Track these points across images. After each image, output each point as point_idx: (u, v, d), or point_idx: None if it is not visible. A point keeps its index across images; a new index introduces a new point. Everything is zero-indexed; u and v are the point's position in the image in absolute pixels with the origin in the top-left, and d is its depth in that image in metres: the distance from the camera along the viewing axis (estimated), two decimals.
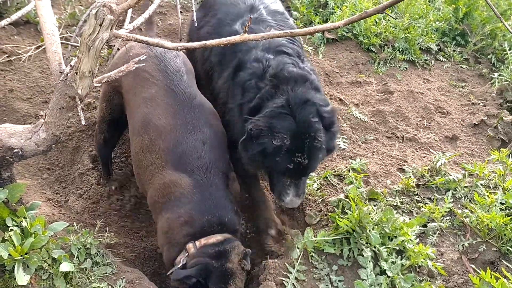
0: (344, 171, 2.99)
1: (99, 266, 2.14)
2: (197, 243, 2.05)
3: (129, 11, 3.75)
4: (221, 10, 2.86)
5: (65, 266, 1.99)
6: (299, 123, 2.22)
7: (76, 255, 2.11)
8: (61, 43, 3.38)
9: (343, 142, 3.29)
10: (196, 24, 2.73)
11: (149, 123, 2.27)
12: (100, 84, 1.99)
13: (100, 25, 1.78)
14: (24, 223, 2.02)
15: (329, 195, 2.82)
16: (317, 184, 2.90)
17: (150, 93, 2.33)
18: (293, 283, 2.31)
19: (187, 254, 2.05)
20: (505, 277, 2.30)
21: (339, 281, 2.34)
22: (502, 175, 2.91)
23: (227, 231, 2.13)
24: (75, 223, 2.35)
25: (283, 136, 2.20)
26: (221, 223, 2.11)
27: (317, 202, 2.79)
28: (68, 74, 1.94)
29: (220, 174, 2.20)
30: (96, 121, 2.72)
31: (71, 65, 1.96)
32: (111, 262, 2.18)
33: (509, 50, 4.20)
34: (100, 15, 1.77)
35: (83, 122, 1.87)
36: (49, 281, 1.99)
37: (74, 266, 2.05)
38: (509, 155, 3.08)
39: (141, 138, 2.29)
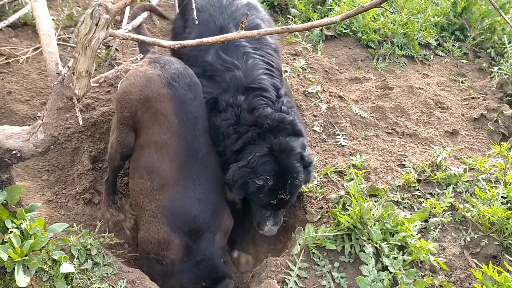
0: (344, 168, 2.98)
1: (100, 267, 2.13)
2: None
3: (127, 11, 3.75)
4: (195, 30, 2.83)
5: (66, 267, 1.98)
6: (283, 167, 2.40)
7: (76, 256, 2.10)
8: (59, 44, 3.38)
9: (343, 139, 3.28)
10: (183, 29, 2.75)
11: (154, 171, 2.31)
12: (98, 85, 1.98)
13: (96, 24, 1.78)
14: (23, 225, 2.01)
15: (330, 192, 2.81)
16: (318, 181, 2.89)
17: (162, 140, 2.33)
18: (295, 281, 2.30)
19: None
20: (508, 271, 2.30)
21: (341, 277, 2.33)
22: (503, 169, 2.90)
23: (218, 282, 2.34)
24: (75, 224, 2.35)
25: (266, 178, 2.37)
26: (212, 279, 2.32)
27: (318, 199, 2.78)
28: (65, 75, 1.93)
29: (210, 235, 2.33)
30: (108, 151, 2.67)
31: (68, 66, 1.96)
32: (112, 262, 2.17)
33: (509, 43, 4.19)
34: (96, 15, 1.77)
35: (80, 123, 1.87)
36: (49, 282, 1.98)
37: (75, 267, 2.04)
38: (509, 149, 3.07)
39: (143, 181, 2.34)
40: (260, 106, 2.50)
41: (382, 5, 1.47)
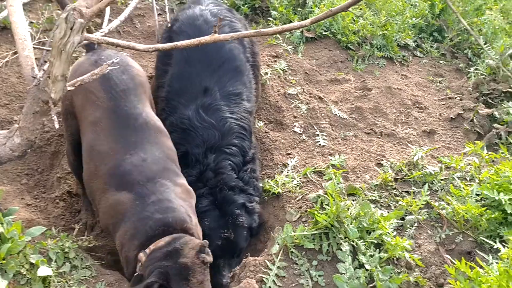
0: (323, 168, 3.02)
1: (78, 270, 2.14)
2: (147, 251, 2.01)
3: (107, 14, 3.75)
4: (176, 82, 2.93)
5: (43, 271, 1.99)
6: (223, 212, 2.60)
7: (54, 260, 2.11)
8: (39, 48, 3.38)
9: (323, 139, 3.33)
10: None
11: (93, 150, 2.26)
12: (73, 88, 1.99)
13: (71, 28, 1.80)
14: (1, 229, 2.01)
15: (309, 192, 2.85)
16: (297, 181, 2.93)
17: (95, 117, 2.30)
18: (274, 280, 2.33)
19: (140, 264, 2.00)
20: (480, 266, 2.35)
21: (319, 276, 2.37)
22: (478, 167, 2.96)
23: (176, 231, 2.07)
24: (53, 227, 2.35)
25: (205, 219, 2.52)
26: (166, 224, 2.06)
27: (297, 199, 2.82)
28: (41, 79, 1.94)
29: (163, 181, 2.18)
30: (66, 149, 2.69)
31: (43, 70, 1.97)
32: (90, 265, 2.19)
33: (484, 44, 4.27)
34: (71, 19, 1.78)
35: (56, 126, 1.88)
36: (27, 286, 1.99)
37: (53, 270, 2.05)
38: (484, 147, 3.14)
39: (87, 165, 2.29)
40: (225, 171, 2.69)
41: (350, 9, 1.52)
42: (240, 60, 3.00)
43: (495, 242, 2.47)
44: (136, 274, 1.96)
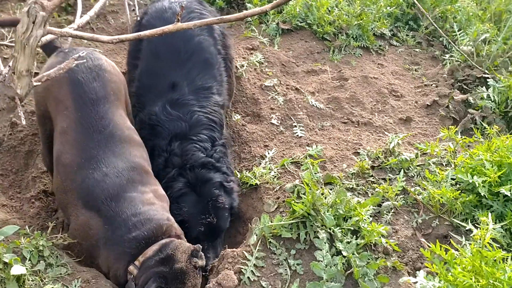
0: (301, 158, 3.03)
1: (53, 268, 2.11)
2: (137, 263, 2.05)
3: (79, 11, 3.69)
4: (145, 77, 2.91)
5: (17, 269, 1.96)
6: (200, 194, 2.56)
7: (28, 258, 2.08)
8: (6, 45, 3.33)
9: (300, 130, 3.34)
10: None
11: (59, 162, 2.25)
12: (40, 83, 1.97)
13: (33, 22, 1.77)
14: None
15: (287, 182, 2.85)
16: (275, 172, 2.93)
17: (62, 128, 2.27)
18: (252, 270, 2.33)
19: (132, 276, 2.04)
20: (455, 249, 2.38)
21: (297, 264, 2.38)
22: (453, 151, 3.00)
23: (158, 238, 2.11)
24: (27, 226, 2.32)
25: (183, 205, 2.50)
26: (145, 238, 2.09)
27: (275, 190, 2.82)
28: (6, 75, 1.91)
29: (127, 195, 2.17)
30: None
31: (9, 66, 1.94)
32: (66, 263, 2.16)
33: (458, 31, 4.32)
34: (32, 12, 1.76)
35: (23, 122, 1.85)
36: (1, 285, 1.96)
37: (27, 269, 2.02)
38: (457, 132, 3.18)
39: (55, 177, 2.28)
40: (191, 152, 2.65)
41: None
42: (210, 53, 2.97)
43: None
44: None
